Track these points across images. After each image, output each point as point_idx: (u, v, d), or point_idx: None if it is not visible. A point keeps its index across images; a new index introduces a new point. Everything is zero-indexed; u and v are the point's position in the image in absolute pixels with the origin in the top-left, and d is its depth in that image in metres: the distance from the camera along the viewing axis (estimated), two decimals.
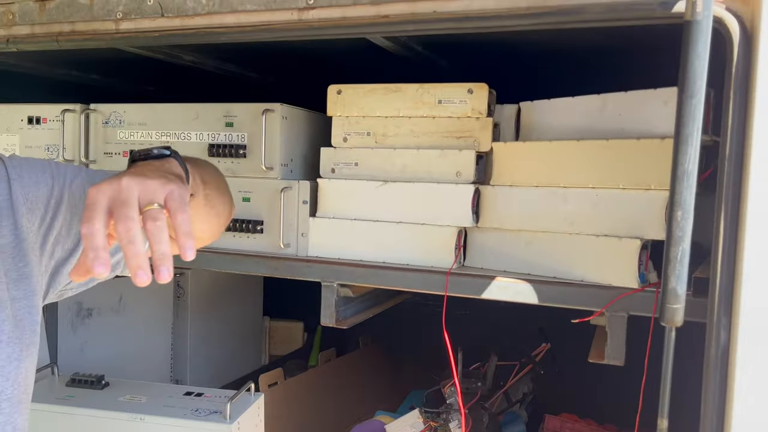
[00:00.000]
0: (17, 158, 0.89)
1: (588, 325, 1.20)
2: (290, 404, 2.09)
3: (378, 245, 1.33)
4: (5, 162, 0.86)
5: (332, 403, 2.30)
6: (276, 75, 1.82)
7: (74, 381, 1.49)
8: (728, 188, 0.78)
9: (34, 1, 1.23)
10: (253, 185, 1.44)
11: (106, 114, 1.57)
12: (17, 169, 0.86)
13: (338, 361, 2.57)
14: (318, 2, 1.01)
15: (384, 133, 1.36)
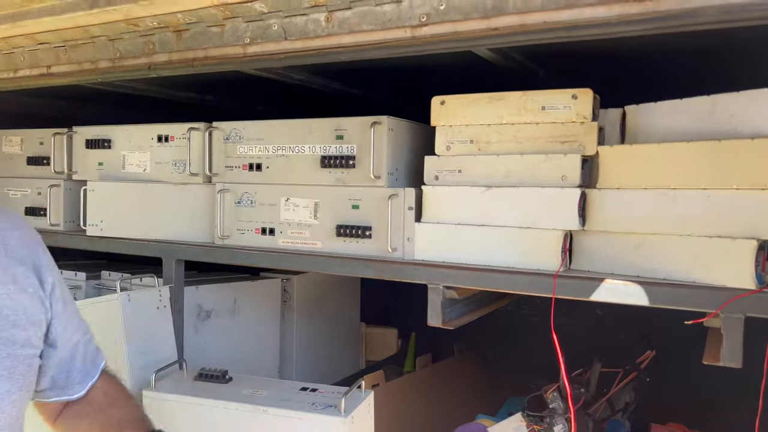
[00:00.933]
0: None
1: (691, 332, 1.18)
2: (391, 405, 2.15)
3: (483, 249, 1.38)
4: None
5: (431, 406, 2.35)
6: (377, 90, 1.91)
7: (201, 375, 1.63)
8: None
9: (172, 32, 1.39)
10: (361, 193, 1.53)
11: (227, 131, 1.72)
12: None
13: (435, 366, 2.62)
14: (430, 19, 1.08)
15: (487, 140, 1.41)
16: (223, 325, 2.12)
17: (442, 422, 2.25)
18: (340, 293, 2.68)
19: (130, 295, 1.69)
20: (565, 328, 1.66)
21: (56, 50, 1.57)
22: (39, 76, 1.62)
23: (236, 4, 1.22)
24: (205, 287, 2.04)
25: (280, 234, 1.65)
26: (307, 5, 1.18)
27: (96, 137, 1.96)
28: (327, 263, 1.56)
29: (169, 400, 1.55)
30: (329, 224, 1.57)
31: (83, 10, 1.35)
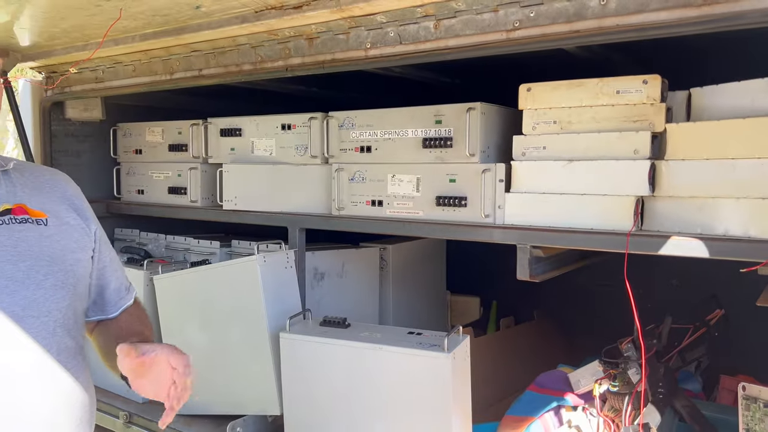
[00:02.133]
0: None
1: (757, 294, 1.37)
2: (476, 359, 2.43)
3: (565, 213, 1.63)
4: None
5: (512, 362, 2.61)
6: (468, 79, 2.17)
7: (325, 321, 1.97)
8: None
9: (305, 39, 1.71)
10: (457, 169, 1.81)
11: (341, 119, 2.04)
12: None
13: (517, 327, 2.88)
14: (522, 24, 1.34)
15: (569, 120, 1.65)
16: (333, 285, 2.46)
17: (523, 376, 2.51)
18: (428, 263, 2.97)
19: (265, 256, 2.05)
20: (641, 296, 1.88)
21: (206, 56, 1.93)
22: (191, 78, 1.99)
23: (360, 17, 1.52)
24: (320, 252, 2.39)
25: (388, 205, 1.95)
26: (419, 15, 1.46)
27: (229, 126, 2.34)
28: (429, 229, 1.85)
29: (301, 340, 1.90)
30: (429, 196, 1.85)
31: (235, 24, 1.69)
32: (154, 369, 1.19)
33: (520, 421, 1.97)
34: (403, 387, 1.75)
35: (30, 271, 1.20)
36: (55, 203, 1.31)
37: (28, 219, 1.24)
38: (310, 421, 1.91)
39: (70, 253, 1.29)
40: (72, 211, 1.33)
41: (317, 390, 1.89)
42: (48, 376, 1.22)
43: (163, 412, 1.21)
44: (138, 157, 2.67)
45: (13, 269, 1.18)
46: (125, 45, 1.96)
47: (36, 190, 1.30)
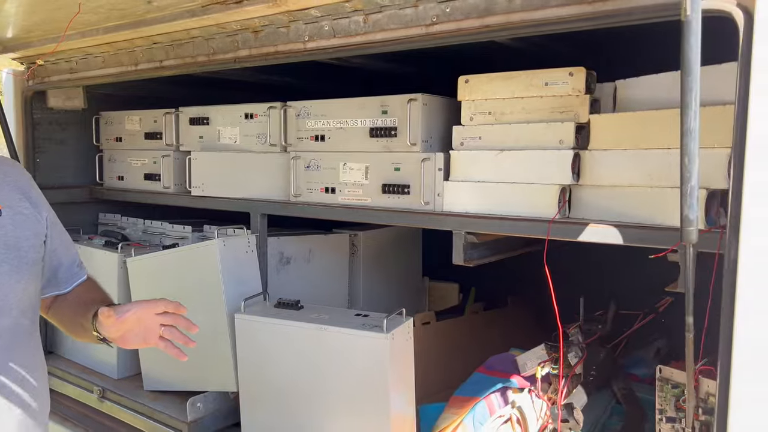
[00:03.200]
0: None
1: None
2: (439, 340, 2.52)
3: (497, 201, 1.69)
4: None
5: (474, 344, 2.67)
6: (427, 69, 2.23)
7: (280, 304, 2.05)
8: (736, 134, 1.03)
9: (251, 32, 1.78)
10: (401, 158, 1.87)
11: (297, 108, 2.11)
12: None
13: (485, 313, 2.94)
14: (440, 19, 1.40)
15: (502, 111, 1.71)
16: (300, 270, 2.55)
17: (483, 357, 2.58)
18: (402, 249, 3.03)
19: (225, 240, 2.14)
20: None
21: (166, 48, 2.01)
22: (153, 69, 2.08)
23: (297, 11, 1.59)
24: (285, 238, 2.47)
25: (340, 192, 2.03)
26: (350, 10, 1.53)
27: (197, 115, 2.43)
28: (375, 215, 1.93)
29: (255, 321, 1.99)
30: (377, 183, 1.92)
31: (187, 18, 1.77)
32: (140, 324, 1.36)
33: (467, 401, 2.04)
34: (346, 366, 1.84)
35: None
36: (9, 194, 1.41)
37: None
38: (263, 398, 2.00)
39: (23, 240, 1.39)
40: (25, 200, 1.44)
41: (269, 368, 1.98)
42: (3, 351, 1.32)
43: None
44: (118, 145, 2.78)
45: None
46: (91, 37, 2.05)
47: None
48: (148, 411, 2.26)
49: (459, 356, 2.58)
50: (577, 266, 2.62)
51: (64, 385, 2.59)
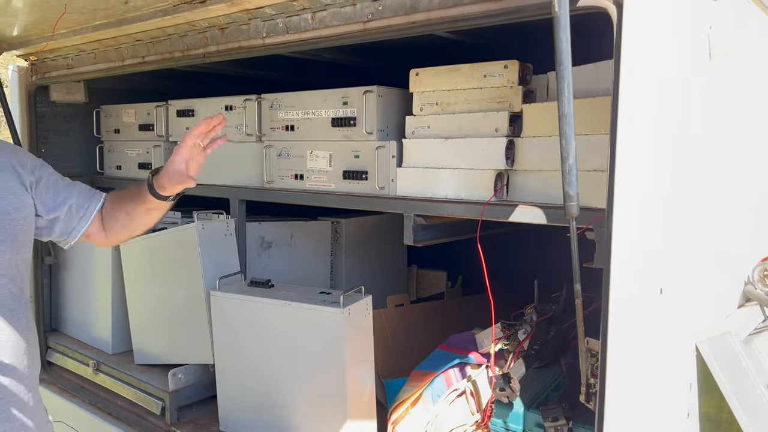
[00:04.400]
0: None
1: None
2: (412, 322, 2.64)
3: (442, 185, 1.81)
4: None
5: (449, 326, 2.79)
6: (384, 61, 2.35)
7: (252, 283, 2.21)
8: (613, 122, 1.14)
9: (218, 29, 1.93)
10: (360, 146, 2.00)
11: (270, 100, 2.25)
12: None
13: (462, 298, 3.06)
14: (374, 16, 1.52)
15: (447, 102, 1.82)
16: (281, 254, 2.70)
17: None
18: (387, 237, 3.15)
19: (204, 224, 2.30)
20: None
21: (147, 45, 2.18)
22: (137, 64, 2.24)
23: (253, 9, 1.73)
24: (266, 223, 2.63)
25: (308, 178, 2.17)
26: (299, 8, 1.66)
27: (184, 108, 2.59)
28: (338, 199, 2.06)
29: (228, 297, 2.15)
30: (339, 170, 2.06)
31: (160, 17, 1.92)
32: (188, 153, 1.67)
33: (426, 375, 2.17)
34: (308, 339, 1.98)
35: None
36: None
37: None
38: (236, 370, 2.16)
39: (5, 215, 1.52)
40: (14, 177, 1.57)
41: (241, 342, 2.13)
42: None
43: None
44: (116, 136, 2.96)
45: None
46: (81, 35, 2.22)
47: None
48: (135, 382, 2.44)
49: (430, 337, 2.70)
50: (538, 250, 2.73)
51: (63, 359, 2.79)
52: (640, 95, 1.11)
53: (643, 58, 1.10)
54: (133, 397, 2.45)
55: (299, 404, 2.03)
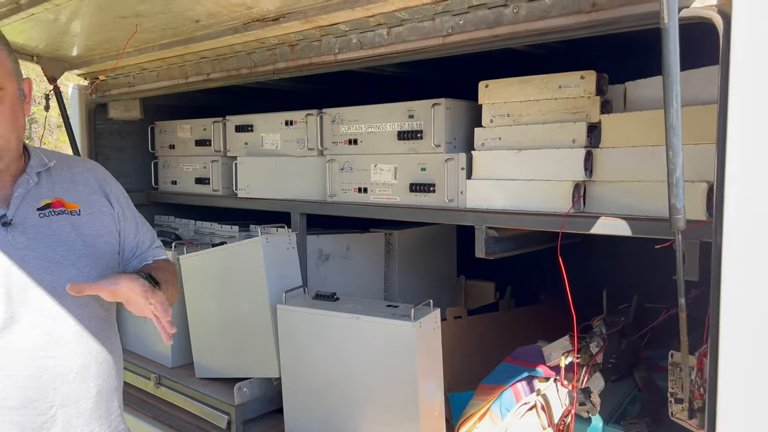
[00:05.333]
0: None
1: None
2: (471, 334, 2.63)
3: (516, 197, 1.80)
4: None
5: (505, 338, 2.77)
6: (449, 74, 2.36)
7: (317, 296, 2.22)
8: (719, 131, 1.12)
9: (288, 46, 1.95)
10: (427, 159, 2.00)
11: (332, 115, 2.27)
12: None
13: (517, 310, 3.03)
14: (454, 30, 1.53)
15: (519, 113, 1.82)
16: (338, 266, 2.71)
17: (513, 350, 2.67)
18: (437, 248, 3.15)
19: (267, 238, 2.32)
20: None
21: (213, 62, 2.21)
22: (202, 81, 2.28)
23: (327, 26, 1.74)
24: (324, 236, 2.64)
25: (371, 192, 2.17)
26: (374, 24, 1.67)
27: (242, 123, 2.62)
28: (404, 212, 2.06)
29: (295, 311, 2.16)
30: (405, 183, 2.06)
31: (230, 35, 1.95)
32: (129, 297, 1.40)
33: (494, 389, 2.15)
34: (377, 353, 1.98)
35: (67, 254, 1.46)
36: (88, 194, 1.57)
37: (64, 211, 1.50)
38: (303, 384, 2.17)
39: (99, 237, 1.54)
40: (102, 197, 1.59)
41: (308, 355, 2.14)
42: (82, 340, 1.48)
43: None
44: (171, 152, 3.01)
45: (53, 254, 1.44)
46: (147, 54, 2.27)
47: (71, 183, 1.56)
48: (199, 396, 2.46)
49: (489, 349, 2.68)
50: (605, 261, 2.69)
51: (124, 373, 2.82)
52: (749, 104, 1.09)
53: (753, 67, 1.08)
54: (197, 411, 2.46)
55: (368, 418, 2.03)
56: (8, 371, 1.39)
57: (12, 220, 1.41)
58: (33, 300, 1.41)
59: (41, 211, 1.47)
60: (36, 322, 1.41)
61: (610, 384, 1.95)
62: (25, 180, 1.46)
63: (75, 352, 1.47)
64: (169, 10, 1.85)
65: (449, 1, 1.47)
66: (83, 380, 1.49)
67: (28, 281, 1.40)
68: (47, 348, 1.42)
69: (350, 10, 1.60)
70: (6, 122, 1.38)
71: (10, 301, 1.38)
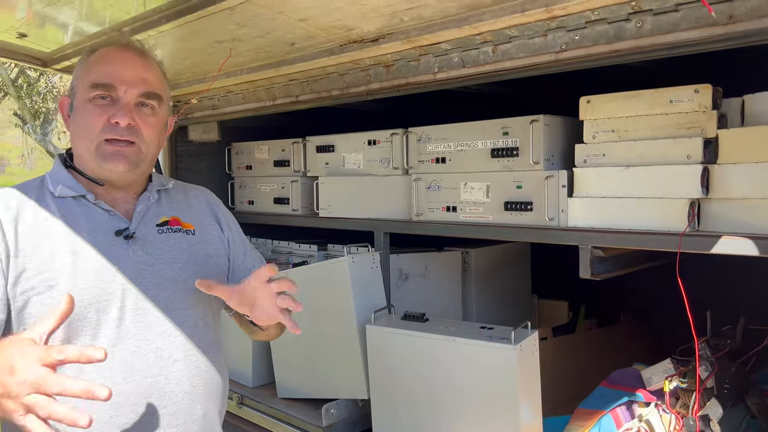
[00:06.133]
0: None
1: None
2: (556, 356, 2.55)
3: (623, 216, 1.74)
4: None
5: (592, 362, 2.68)
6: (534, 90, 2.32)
7: (406, 316, 2.19)
8: None
9: (383, 66, 1.95)
10: (523, 176, 1.97)
11: (419, 134, 2.26)
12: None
13: (600, 330, 2.94)
14: (569, 46, 1.49)
15: (626, 129, 1.77)
16: (417, 285, 2.68)
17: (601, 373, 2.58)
18: (512, 266, 3.10)
19: (353, 257, 2.31)
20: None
21: (302, 84, 2.23)
22: (290, 103, 2.30)
23: (428, 46, 1.74)
24: (404, 255, 2.61)
25: (461, 210, 2.14)
26: (479, 42, 1.66)
27: (323, 143, 2.64)
28: (498, 231, 2.02)
29: (385, 331, 2.13)
30: (498, 201, 2.02)
31: (325, 57, 1.97)
32: (257, 295, 1.36)
33: (592, 414, 2.08)
34: (474, 376, 1.93)
35: (180, 272, 1.47)
36: (201, 216, 1.60)
37: (181, 229, 1.52)
38: (393, 406, 2.13)
39: (210, 258, 1.56)
40: (214, 222, 1.62)
41: (399, 377, 2.11)
42: (191, 359, 1.47)
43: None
44: (248, 172, 3.05)
45: (168, 270, 1.46)
46: (235, 77, 2.31)
47: (187, 205, 1.59)
48: (284, 416, 2.45)
49: (576, 372, 2.61)
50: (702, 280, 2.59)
51: None
52: None
53: None
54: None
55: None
56: (119, 388, 1.39)
57: (134, 234, 1.43)
58: (146, 315, 1.42)
59: (160, 227, 1.49)
60: (148, 338, 1.42)
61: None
62: (146, 197, 1.49)
63: (184, 371, 1.47)
64: (267, 35, 1.88)
65: (565, 17, 1.43)
66: (191, 401, 1.49)
67: (142, 296, 1.42)
68: (158, 366, 1.43)
69: (456, 29, 1.59)
70: (154, 131, 1.43)
71: (123, 315, 1.39)
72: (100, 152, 1.39)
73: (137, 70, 1.41)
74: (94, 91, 1.38)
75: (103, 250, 1.38)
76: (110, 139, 1.38)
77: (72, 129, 1.44)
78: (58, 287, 1.32)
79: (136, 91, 1.40)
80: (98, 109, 1.38)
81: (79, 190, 1.42)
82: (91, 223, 1.40)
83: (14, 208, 1.36)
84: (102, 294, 1.36)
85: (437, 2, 1.49)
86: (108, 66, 1.40)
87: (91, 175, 1.43)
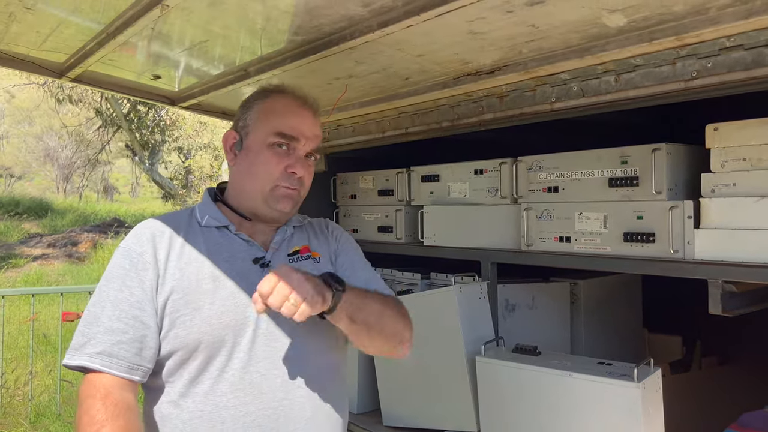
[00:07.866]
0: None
1: None
2: (676, 394, 2.41)
3: (759, 249, 1.64)
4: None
5: (715, 402, 2.51)
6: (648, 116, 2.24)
7: (518, 348, 2.15)
8: None
9: (496, 98, 1.96)
10: (644, 206, 1.90)
11: (529, 163, 2.24)
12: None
13: (723, 367, 2.75)
14: (700, 74, 1.44)
15: (759, 158, 1.67)
16: (524, 316, 2.63)
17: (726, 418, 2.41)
18: (622, 299, 2.97)
19: (461, 287, 2.30)
20: None
21: (412, 116, 2.28)
22: (400, 135, 2.35)
23: (545, 76, 1.73)
24: (511, 285, 2.58)
25: (575, 241, 2.09)
26: (600, 71, 1.63)
27: (428, 173, 2.67)
28: (617, 263, 1.96)
29: (496, 364, 2.11)
30: (617, 232, 1.96)
31: (437, 90, 2.01)
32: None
33: None
34: (592, 415, 1.86)
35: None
36: (325, 247, 1.70)
37: (310, 256, 1.63)
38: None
39: None
40: (327, 243, 1.72)
41: (511, 411, 2.06)
42: (315, 386, 1.53)
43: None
44: (353, 201, 3.13)
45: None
46: (347, 111, 2.39)
47: (315, 236, 1.71)
48: None
49: (697, 413, 2.45)
50: None
51: None
52: None
53: None
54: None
55: None
56: (248, 409, 1.45)
57: (269, 262, 1.53)
58: (276, 341, 1.48)
59: (291, 256, 1.59)
60: (275, 363, 1.48)
61: None
62: (283, 230, 1.61)
63: (308, 398, 1.52)
64: (383, 70, 1.94)
65: (697, 44, 1.39)
66: (316, 427, 1.53)
67: (273, 322, 1.49)
68: (284, 390, 1.48)
69: (578, 59, 1.57)
70: (311, 178, 1.62)
71: (255, 339, 1.46)
72: (274, 195, 1.52)
73: (313, 128, 1.58)
74: (276, 138, 1.52)
75: (241, 276, 1.47)
76: (284, 185, 1.52)
77: (242, 167, 1.56)
78: (202, 311, 1.42)
79: (311, 146, 1.57)
80: (276, 157, 1.51)
81: (223, 221, 1.55)
82: (231, 251, 1.50)
83: (167, 236, 1.49)
84: (239, 318, 1.45)
85: (559, 34, 1.49)
86: (293, 119, 1.54)
87: (252, 211, 1.56)
